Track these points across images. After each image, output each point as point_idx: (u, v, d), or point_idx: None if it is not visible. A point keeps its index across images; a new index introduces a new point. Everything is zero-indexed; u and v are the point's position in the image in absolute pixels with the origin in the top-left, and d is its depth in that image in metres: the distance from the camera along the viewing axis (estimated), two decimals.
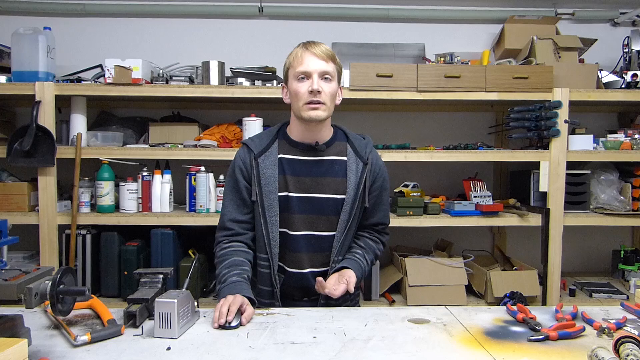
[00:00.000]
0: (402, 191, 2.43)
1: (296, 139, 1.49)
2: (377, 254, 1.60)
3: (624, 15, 2.88)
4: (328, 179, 1.47)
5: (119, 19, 2.80)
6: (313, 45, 1.41)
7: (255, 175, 1.45)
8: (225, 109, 2.73)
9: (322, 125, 1.46)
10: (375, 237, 1.60)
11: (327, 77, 1.41)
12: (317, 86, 1.38)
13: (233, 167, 1.51)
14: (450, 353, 1.07)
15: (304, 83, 1.40)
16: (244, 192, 1.48)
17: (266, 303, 1.47)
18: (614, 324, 1.18)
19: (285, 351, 1.07)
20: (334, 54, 1.44)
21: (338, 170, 1.48)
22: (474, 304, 2.36)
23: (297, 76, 1.41)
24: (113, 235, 2.33)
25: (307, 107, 1.40)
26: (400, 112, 2.84)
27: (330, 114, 1.45)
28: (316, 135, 1.47)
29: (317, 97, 1.39)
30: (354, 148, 1.52)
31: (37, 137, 2.23)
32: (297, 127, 1.48)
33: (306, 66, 1.39)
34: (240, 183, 1.48)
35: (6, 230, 1.07)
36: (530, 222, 2.39)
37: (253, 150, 1.48)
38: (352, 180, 1.48)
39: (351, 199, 1.47)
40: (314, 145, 1.47)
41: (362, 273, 1.50)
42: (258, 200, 1.45)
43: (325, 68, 1.40)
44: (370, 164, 1.50)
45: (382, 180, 1.55)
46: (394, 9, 2.84)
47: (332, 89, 1.42)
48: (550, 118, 2.35)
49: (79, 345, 1.08)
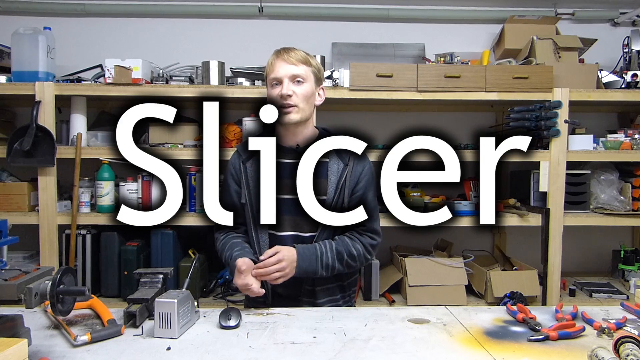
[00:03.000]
0: (402, 191, 2.43)
1: (280, 142, 1.54)
2: (352, 252, 1.48)
3: (624, 15, 2.88)
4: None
5: (119, 19, 2.80)
6: (283, 52, 1.48)
7: (244, 178, 1.54)
8: (225, 109, 2.72)
9: (301, 127, 1.52)
10: (353, 237, 1.52)
11: (299, 80, 1.47)
12: (286, 90, 1.45)
13: (226, 171, 1.60)
14: (450, 353, 1.07)
15: (277, 89, 1.48)
16: (234, 196, 1.56)
17: (259, 301, 1.48)
18: (614, 324, 1.18)
19: (285, 351, 1.07)
20: (307, 57, 1.50)
21: (320, 171, 1.50)
22: (474, 304, 2.36)
23: (271, 83, 1.50)
24: (113, 235, 2.33)
25: (280, 111, 1.46)
26: (400, 112, 2.84)
27: (305, 115, 1.50)
28: (297, 137, 1.53)
29: (287, 101, 1.45)
30: (337, 149, 1.51)
31: (37, 137, 2.22)
32: (280, 131, 1.55)
33: (276, 72, 1.47)
34: (231, 187, 1.57)
35: (6, 230, 1.07)
36: (530, 222, 2.39)
37: (242, 154, 1.57)
38: (332, 181, 1.51)
39: (330, 199, 1.49)
40: (295, 147, 1.53)
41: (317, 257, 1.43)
42: (247, 203, 1.53)
43: (294, 71, 1.46)
44: (351, 164, 1.51)
45: (366, 181, 1.53)
46: (394, 9, 2.84)
47: (304, 90, 1.48)
48: (550, 118, 2.35)
49: (79, 345, 1.08)
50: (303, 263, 1.42)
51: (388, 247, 2.73)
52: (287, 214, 1.50)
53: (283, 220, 1.50)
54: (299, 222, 1.51)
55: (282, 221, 1.49)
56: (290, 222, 1.51)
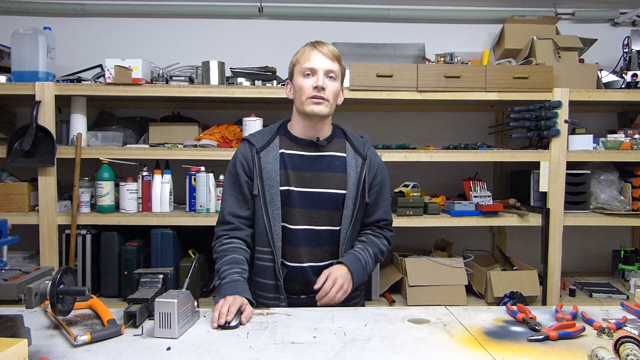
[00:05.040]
0: (402, 191, 2.43)
1: (297, 134, 1.53)
2: (382, 249, 1.59)
3: (624, 15, 2.88)
4: (328, 174, 1.50)
5: (119, 19, 2.80)
6: (321, 45, 1.47)
7: (257, 169, 1.48)
8: (225, 109, 2.73)
9: (323, 121, 1.51)
10: (377, 233, 1.60)
11: (332, 76, 1.47)
12: (322, 82, 1.44)
13: (234, 162, 1.53)
14: (450, 353, 1.07)
15: (310, 79, 1.46)
16: (244, 186, 1.50)
17: (270, 297, 1.48)
18: (614, 324, 1.18)
19: (285, 351, 1.07)
20: (340, 56, 1.50)
21: (338, 165, 1.52)
22: (474, 304, 2.36)
23: (303, 72, 1.46)
24: (113, 235, 2.33)
25: (310, 101, 1.45)
26: (400, 112, 2.84)
27: (331, 111, 1.49)
28: (317, 131, 1.51)
29: (320, 93, 1.44)
30: (353, 145, 1.56)
31: (37, 137, 2.22)
32: (299, 123, 1.52)
33: (313, 63, 1.45)
34: (241, 177, 1.51)
35: (6, 230, 1.07)
36: (530, 222, 2.39)
37: (255, 145, 1.51)
38: (352, 176, 1.51)
39: (352, 194, 1.50)
40: (315, 140, 1.51)
41: (363, 266, 1.49)
42: (260, 194, 1.48)
43: (330, 67, 1.46)
44: (369, 159, 1.54)
45: (382, 176, 1.58)
46: (394, 9, 2.84)
47: (335, 87, 1.48)
48: (550, 118, 2.35)
49: (79, 345, 1.08)
50: (357, 277, 1.47)
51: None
52: (301, 207, 1.48)
53: (297, 214, 1.48)
54: (313, 215, 1.49)
55: (296, 214, 1.48)
56: (305, 216, 1.49)
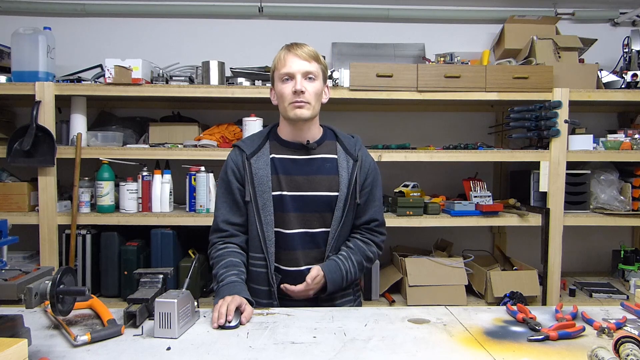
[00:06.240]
0: (402, 191, 2.43)
1: (287, 138, 1.52)
2: (368, 256, 1.54)
3: (624, 15, 2.88)
4: (320, 177, 1.49)
5: (119, 19, 2.80)
6: (295, 47, 1.45)
7: (248, 175, 1.48)
8: (225, 109, 2.73)
9: (309, 124, 1.49)
10: (367, 239, 1.56)
11: (311, 77, 1.45)
12: (300, 86, 1.42)
13: (225, 169, 1.53)
14: (450, 353, 1.07)
15: (288, 84, 1.44)
16: (236, 193, 1.50)
17: (264, 303, 1.47)
18: (614, 324, 1.18)
19: (285, 351, 1.07)
20: (317, 54, 1.48)
21: (329, 167, 1.51)
22: (474, 304, 2.36)
23: (281, 78, 1.45)
24: (113, 235, 2.33)
25: (292, 107, 1.44)
26: (400, 112, 2.84)
27: (315, 112, 1.48)
28: (305, 134, 1.50)
29: (300, 97, 1.43)
30: (344, 146, 1.55)
31: (37, 137, 2.22)
32: (287, 127, 1.52)
33: (289, 67, 1.43)
34: (233, 185, 1.50)
35: (6, 230, 1.07)
36: (530, 222, 2.39)
37: (245, 151, 1.51)
38: (344, 177, 1.50)
39: (344, 196, 1.49)
40: (305, 144, 1.50)
41: (343, 276, 1.47)
42: (252, 200, 1.47)
43: (307, 68, 1.44)
44: (360, 160, 1.53)
45: (373, 177, 1.56)
46: (394, 9, 2.84)
47: (316, 88, 1.46)
48: (550, 118, 2.35)
49: (79, 345, 1.08)
50: (332, 287, 1.45)
51: (388, 247, 2.73)
52: (295, 211, 1.48)
53: (291, 218, 1.48)
54: (308, 219, 1.49)
55: (290, 218, 1.48)
56: (299, 219, 1.48)
